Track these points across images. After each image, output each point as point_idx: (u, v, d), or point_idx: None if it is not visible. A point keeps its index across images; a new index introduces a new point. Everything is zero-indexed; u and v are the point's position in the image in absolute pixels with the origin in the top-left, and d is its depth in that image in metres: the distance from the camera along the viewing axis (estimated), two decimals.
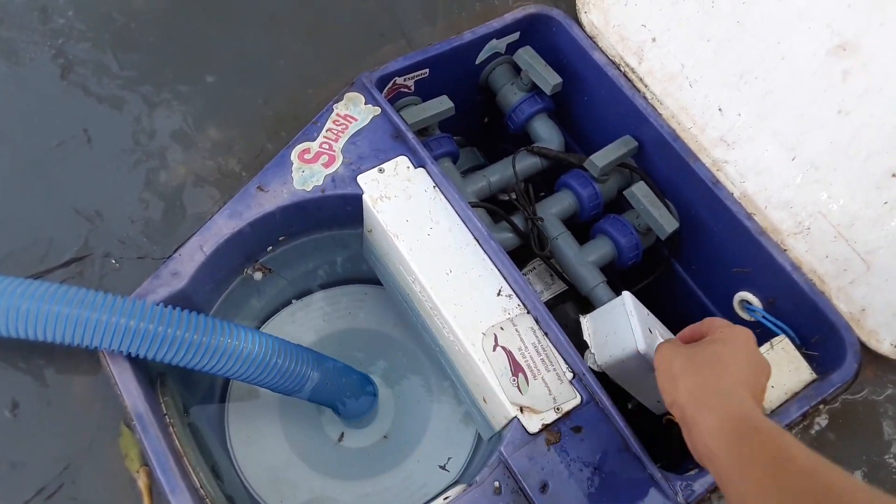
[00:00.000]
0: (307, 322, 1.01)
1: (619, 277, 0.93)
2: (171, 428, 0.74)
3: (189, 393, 0.86)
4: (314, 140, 0.86)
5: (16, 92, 0.87)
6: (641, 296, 0.83)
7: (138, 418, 0.69)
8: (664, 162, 0.94)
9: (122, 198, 0.83)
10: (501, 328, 0.76)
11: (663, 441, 0.84)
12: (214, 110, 0.89)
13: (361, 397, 0.89)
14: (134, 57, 0.91)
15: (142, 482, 0.68)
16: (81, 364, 0.73)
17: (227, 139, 0.88)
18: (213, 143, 0.87)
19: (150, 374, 0.77)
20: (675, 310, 0.93)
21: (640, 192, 0.90)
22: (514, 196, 0.93)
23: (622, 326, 0.78)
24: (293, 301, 1.02)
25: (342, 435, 0.94)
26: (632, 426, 0.72)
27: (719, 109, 0.91)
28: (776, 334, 0.82)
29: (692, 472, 0.74)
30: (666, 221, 0.89)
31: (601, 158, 0.92)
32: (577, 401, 0.73)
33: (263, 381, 0.76)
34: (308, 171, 0.84)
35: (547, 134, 0.99)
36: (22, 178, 0.82)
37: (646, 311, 0.84)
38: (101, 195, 0.83)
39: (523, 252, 0.92)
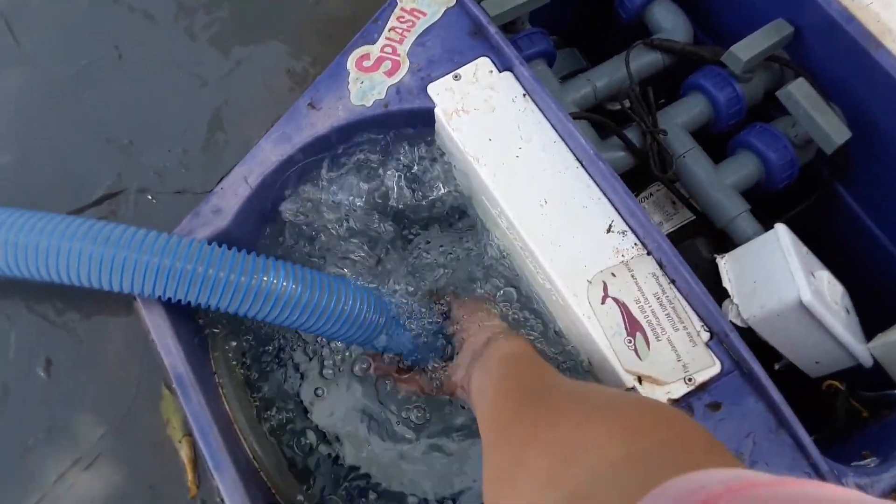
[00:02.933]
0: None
1: (761, 205, 0.72)
2: (220, 389, 0.64)
3: (245, 341, 0.75)
4: (374, 43, 0.70)
5: (38, 6, 0.76)
6: (791, 228, 0.64)
7: (178, 381, 0.58)
8: (831, 53, 0.71)
9: (157, 124, 0.71)
10: (613, 274, 0.60)
11: (820, 413, 0.66)
12: (257, 15, 0.75)
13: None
14: None
15: (184, 453, 0.58)
16: (118, 316, 0.64)
17: (273, 49, 0.73)
18: (256, 54, 0.73)
19: (197, 324, 0.67)
20: (835, 247, 0.72)
21: (800, 91, 0.68)
22: (627, 104, 0.74)
23: (777, 269, 0.60)
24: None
25: None
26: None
27: None
28: None
29: (867, 463, 0.56)
30: (834, 130, 0.68)
31: (746, 49, 0.70)
32: (717, 369, 0.56)
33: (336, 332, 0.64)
34: (368, 81, 0.68)
35: (671, 22, 0.78)
36: (48, 103, 0.71)
37: (804, 248, 0.64)
38: (134, 121, 0.71)
39: (639, 175, 0.74)
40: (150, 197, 0.68)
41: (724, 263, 0.65)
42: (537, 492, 0.35)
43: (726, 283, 0.64)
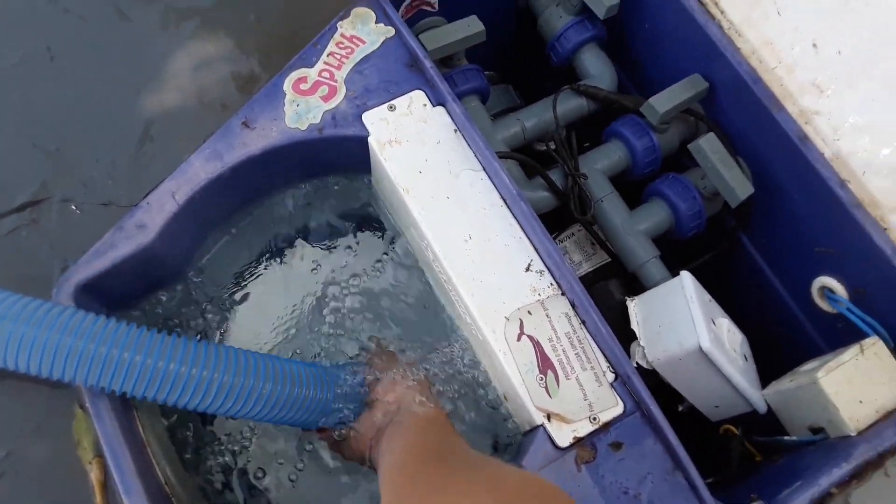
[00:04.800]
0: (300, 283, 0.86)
1: (670, 251, 0.78)
2: (134, 411, 0.63)
3: None
4: (312, 66, 0.71)
5: None
6: (697, 275, 0.69)
7: (92, 401, 0.58)
8: (739, 110, 0.77)
9: (86, 132, 0.70)
10: (529, 312, 0.63)
11: (718, 456, 0.71)
12: (196, 29, 0.74)
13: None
14: None
15: (94, 476, 0.58)
16: None
17: (210, 64, 0.73)
18: (192, 68, 0.72)
19: None
20: (737, 294, 0.78)
21: (710, 146, 0.74)
22: (552, 146, 0.77)
23: (680, 316, 0.64)
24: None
25: None
26: (679, 436, 0.59)
27: (813, 45, 0.73)
28: (865, 334, 0.67)
29: None
30: (739, 185, 0.73)
31: (663, 102, 0.75)
32: (619, 409, 0.60)
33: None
34: (303, 104, 0.69)
35: (597, 69, 0.82)
36: None
37: (707, 295, 0.69)
38: (63, 127, 0.70)
39: (563, 214, 0.77)
40: (73, 207, 0.67)
41: (633, 306, 0.69)
42: None
43: (634, 326, 0.68)
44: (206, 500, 0.66)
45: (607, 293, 0.75)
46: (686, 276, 0.68)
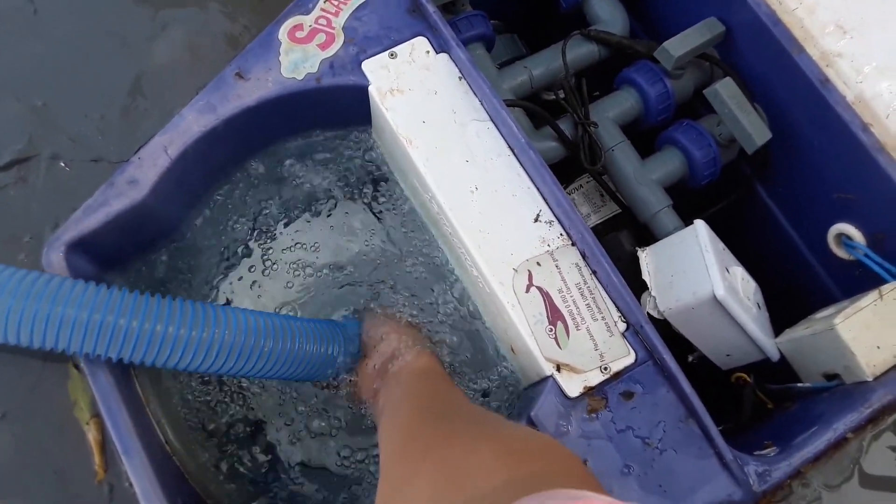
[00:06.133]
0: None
1: (683, 200, 0.75)
2: (132, 370, 0.61)
3: None
4: (309, 14, 0.67)
5: None
6: (709, 224, 0.67)
7: (86, 360, 0.56)
8: (757, 54, 0.73)
9: (73, 86, 0.67)
10: (538, 263, 0.60)
11: (728, 403, 0.69)
12: None
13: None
14: None
15: (92, 436, 0.56)
16: None
17: (202, 12, 0.70)
18: (183, 17, 0.69)
19: None
20: (751, 244, 0.75)
21: (727, 90, 0.70)
22: (562, 94, 0.74)
23: (694, 265, 0.62)
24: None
25: None
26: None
27: None
28: (884, 280, 0.64)
29: (767, 452, 0.59)
30: (756, 130, 0.70)
31: (678, 45, 0.71)
32: (631, 359, 0.58)
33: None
34: (300, 53, 0.66)
35: (608, 13, 0.78)
36: None
37: (720, 244, 0.67)
38: (49, 82, 0.67)
39: (570, 165, 0.74)
40: (62, 164, 0.64)
41: (645, 256, 0.67)
42: None
43: (645, 276, 0.66)
44: (211, 461, 0.65)
45: (617, 244, 0.73)
46: (700, 225, 0.65)
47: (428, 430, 0.46)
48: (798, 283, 0.78)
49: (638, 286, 0.65)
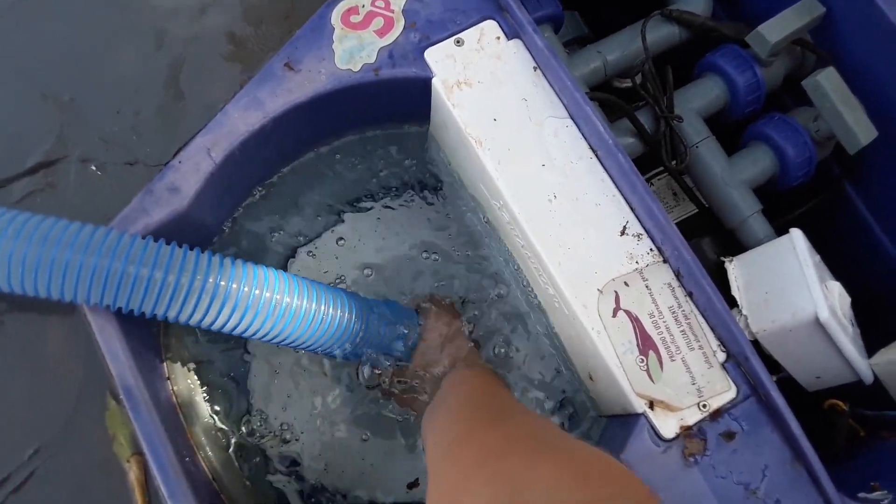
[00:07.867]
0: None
1: (764, 202, 0.67)
2: (174, 398, 0.56)
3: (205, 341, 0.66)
4: None
5: None
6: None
7: (126, 393, 0.50)
8: (863, 38, 0.65)
9: (102, 79, 0.61)
10: (626, 283, 0.54)
11: (818, 430, 0.63)
12: None
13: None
14: None
15: (133, 475, 0.51)
16: (57, 311, 0.55)
17: None
18: (226, 1, 0.62)
19: (148, 322, 0.58)
20: (837, 252, 0.68)
21: (830, 82, 0.62)
22: (638, 81, 0.66)
23: (792, 281, 0.56)
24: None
25: None
26: None
27: None
28: None
29: (878, 497, 0.53)
30: (862, 128, 0.62)
31: (775, 29, 0.63)
32: (732, 394, 0.52)
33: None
34: (355, 41, 0.59)
35: None
36: None
37: (817, 256, 0.60)
38: (75, 74, 0.60)
39: (639, 162, 0.67)
40: (94, 168, 0.58)
41: (733, 269, 0.60)
42: None
43: (735, 292, 0.59)
44: (258, 492, 0.60)
45: (699, 252, 0.65)
46: (797, 235, 0.58)
47: (483, 434, 0.43)
48: (890, 297, 0.71)
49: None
